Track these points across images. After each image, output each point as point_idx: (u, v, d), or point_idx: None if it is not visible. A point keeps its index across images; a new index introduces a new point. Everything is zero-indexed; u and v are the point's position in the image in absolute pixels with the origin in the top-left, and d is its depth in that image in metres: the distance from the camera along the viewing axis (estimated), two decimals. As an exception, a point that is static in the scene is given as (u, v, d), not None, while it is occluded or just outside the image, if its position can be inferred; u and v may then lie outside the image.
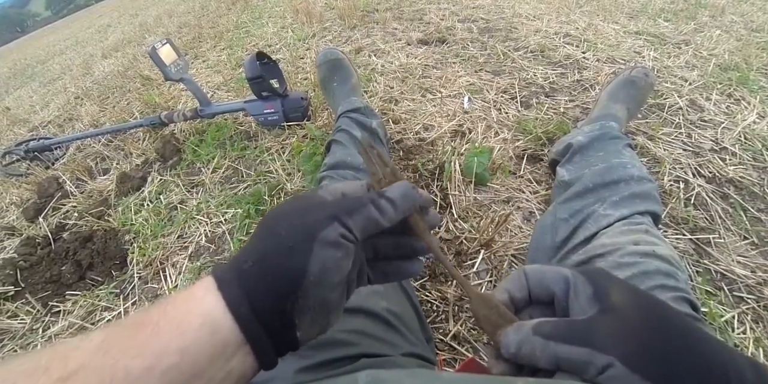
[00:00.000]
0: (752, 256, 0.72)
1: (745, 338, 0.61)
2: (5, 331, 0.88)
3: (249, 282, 0.23)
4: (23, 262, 1.02)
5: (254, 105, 1.20)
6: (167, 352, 0.20)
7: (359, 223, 0.25)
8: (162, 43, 1.13)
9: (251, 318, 0.22)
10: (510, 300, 0.27)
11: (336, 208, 0.25)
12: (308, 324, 0.24)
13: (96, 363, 0.19)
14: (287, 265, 0.23)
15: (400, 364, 0.38)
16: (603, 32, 1.55)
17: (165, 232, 1.02)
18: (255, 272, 0.23)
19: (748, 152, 0.92)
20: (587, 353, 0.21)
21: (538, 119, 1.08)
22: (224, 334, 0.22)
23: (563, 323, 0.23)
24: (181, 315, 0.22)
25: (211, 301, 0.22)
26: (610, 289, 0.24)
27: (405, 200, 0.27)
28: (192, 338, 0.21)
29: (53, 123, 2.01)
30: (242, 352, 0.22)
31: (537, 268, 0.27)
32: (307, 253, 0.23)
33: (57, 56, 4.44)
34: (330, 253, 0.23)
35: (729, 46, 1.35)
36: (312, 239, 0.23)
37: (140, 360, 0.19)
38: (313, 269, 0.23)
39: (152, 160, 1.31)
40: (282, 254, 0.23)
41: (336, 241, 0.24)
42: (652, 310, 0.23)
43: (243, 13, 2.94)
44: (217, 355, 0.21)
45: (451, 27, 1.73)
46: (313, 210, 0.25)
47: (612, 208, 0.60)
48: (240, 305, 0.22)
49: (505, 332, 0.25)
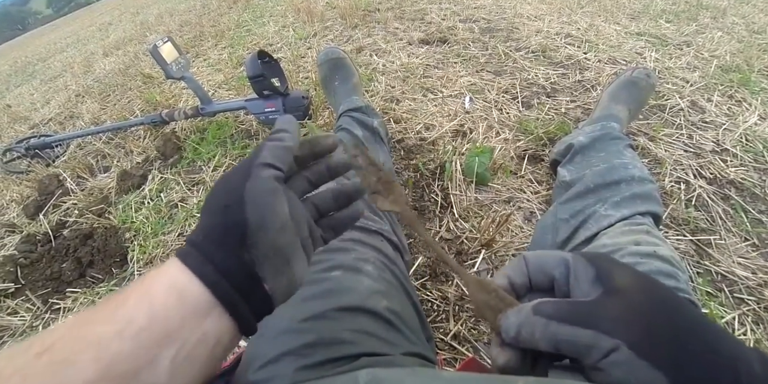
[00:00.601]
0: (753, 258, 0.72)
1: (746, 340, 0.61)
2: (5, 328, 0.88)
3: (207, 248, 0.24)
4: (23, 259, 1.02)
5: (255, 103, 1.20)
6: (136, 317, 0.21)
7: (270, 156, 0.26)
8: (163, 41, 1.13)
9: (217, 277, 0.23)
10: (510, 286, 0.26)
11: (248, 160, 0.27)
12: (272, 274, 0.24)
13: (70, 335, 0.20)
14: (228, 220, 0.24)
15: (400, 364, 0.38)
16: (604, 33, 1.55)
17: (165, 230, 1.01)
18: (209, 238, 0.24)
19: (749, 154, 0.92)
20: (592, 336, 0.20)
21: (539, 119, 1.08)
22: (192, 296, 0.22)
23: (566, 304, 0.23)
24: (146, 287, 0.23)
25: (173, 271, 0.23)
26: (614, 272, 0.23)
27: (288, 124, 0.29)
28: (159, 303, 0.22)
29: (54, 120, 2.01)
30: (215, 312, 0.23)
31: (537, 253, 0.26)
32: (240, 204, 0.24)
33: (58, 54, 4.43)
34: (261, 199, 0.25)
35: (730, 48, 1.35)
36: (241, 191, 0.24)
37: (110, 325, 0.20)
38: (252, 217, 0.24)
39: (153, 158, 1.31)
40: (221, 214, 0.25)
41: (262, 187, 0.25)
42: (659, 294, 0.22)
43: (244, 11, 2.93)
44: (189, 318, 0.22)
45: (452, 27, 1.73)
46: (233, 172, 0.27)
47: (613, 208, 0.60)
48: (203, 268, 0.23)
49: (505, 316, 0.24)
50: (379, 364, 0.36)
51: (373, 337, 0.40)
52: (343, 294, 0.44)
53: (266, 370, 0.36)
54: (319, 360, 0.37)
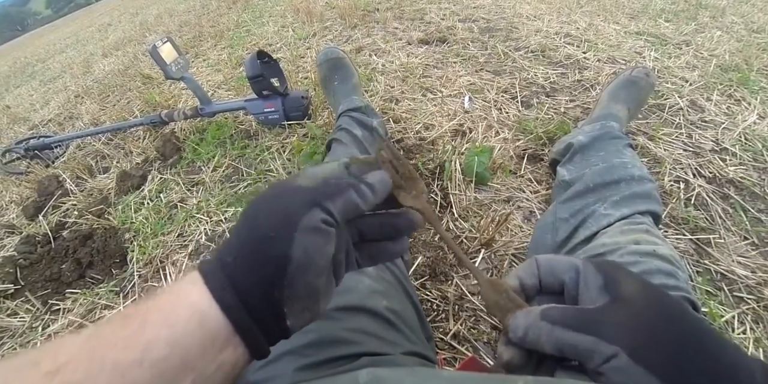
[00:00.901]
0: (752, 257, 0.72)
1: (746, 338, 0.61)
2: (5, 329, 0.88)
3: (233, 273, 0.23)
4: (23, 260, 1.02)
5: (255, 104, 1.20)
6: (156, 345, 0.20)
7: (339, 207, 0.24)
8: (163, 41, 1.13)
9: (239, 307, 0.22)
10: (521, 287, 0.27)
11: (316, 194, 0.25)
12: (298, 312, 0.24)
13: (84, 356, 0.19)
14: (270, 254, 0.23)
15: (400, 363, 0.38)
16: (604, 32, 1.55)
17: (165, 230, 1.01)
18: (239, 263, 0.23)
19: (749, 153, 0.92)
20: (592, 342, 0.21)
21: (538, 119, 1.08)
22: (213, 325, 0.21)
23: (572, 310, 0.23)
24: (168, 308, 0.22)
25: (197, 292, 0.22)
26: (621, 281, 0.24)
27: (383, 185, 0.27)
28: (181, 330, 0.21)
29: (53, 121, 2.01)
30: (233, 342, 0.22)
31: (548, 257, 0.27)
32: (289, 240, 0.23)
33: (57, 55, 4.43)
34: (312, 239, 0.23)
35: (729, 47, 1.36)
36: (293, 226, 0.23)
37: (129, 352, 0.19)
38: (297, 256, 0.23)
39: (152, 159, 1.31)
40: (264, 243, 0.23)
41: (317, 227, 0.23)
42: (664, 304, 0.23)
43: (244, 12, 2.93)
44: (208, 347, 0.21)
45: (451, 27, 1.73)
46: (292, 196, 0.25)
47: (612, 207, 0.60)
48: (225, 295, 0.22)
49: (514, 316, 0.25)
50: (379, 364, 0.36)
51: (373, 336, 0.40)
52: (343, 294, 0.44)
53: (266, 370, 0.36)
54: (319, 360, 0.37)
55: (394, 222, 0.30)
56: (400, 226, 0.30)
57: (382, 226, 0.30)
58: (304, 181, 0.26)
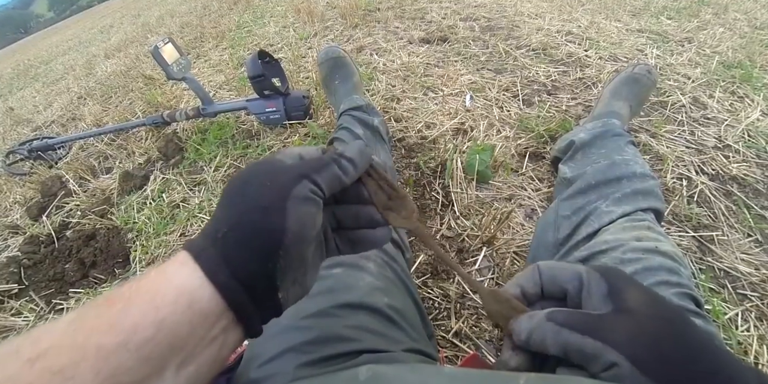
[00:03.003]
0: (756, 254, 0.72)
1: (749, 336, 0.61)
2: (9, 328, 0.88)
3: (227, 248, 0.22)
4: (27, 260, 1.03)
5: (256, 104, 1.20)
6: (141, 327, 0.19)
7: (326, 180, 0.25)
8: (164, 42, 1.13)
9: (233, 284, 0.21)
10: (522, 295, 0.27)
11: (303, 168, 0.25)
12: (289, 285, 0.24)
13: (66, 341, 0.18)
14: (265, 225, 0.22)
15: (401, 360, 0.38)
16: (605, 30, 1.55)
17: (167, 230, 1.02)
18: (232, 237, 0.22)
19: (752, 149, 0.91)
20: (598, 347, 0.21)
21: (540, 117, 1.08)
22: (203, 303, 0.21)
23: (578, 314, 0.23)
24: (154, 289, 0.21)
25: (186, 272, 0.22)
26: (626, 290, 0.24)
27: (362, 158, 0.28)
28: (167, 311, 0.20)
29: (56, 123, 2.02)
30: (224, 319, 0.22)
31: (551, 265, 0.27)
32: (283, 210, 0.23)
33: (60, 57, 4.45)
34: (304, 209, 0.23)
35: (732, 44, 1.35)
36: (285, 197, 0.23)
37: (112, 336, 0.19)
38: (292, 226, 0.23)
39: (155, 159, 1.31)
40: (257, 215, 0.23)
41: (308, 197, 0.24)
42: (667, 314, 0.23)
43: (245, 12, 2.94)
44: (197, 326, 0.21)
45: (452, 26, 1.73)
46: (279, 171, 0.25)
47: (614, 204, 0.60)
48: (219, 273, 0.21)
49: (518, 320, 0.25)
50: (380, 361, 0.36)
51: (374, 333, 0.40)
52: (343, 291, 0.44)
53: (267, 368, 0.37)
54: (320, 357, 0.37)
55: (370, 212, 0.30)
56: (377, 217, 0.30)
57: (358, 215, 0.30)
58: (287, 159, 0.27)
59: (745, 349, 0.60)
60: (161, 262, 0.27)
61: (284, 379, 0.35)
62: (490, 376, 0.26)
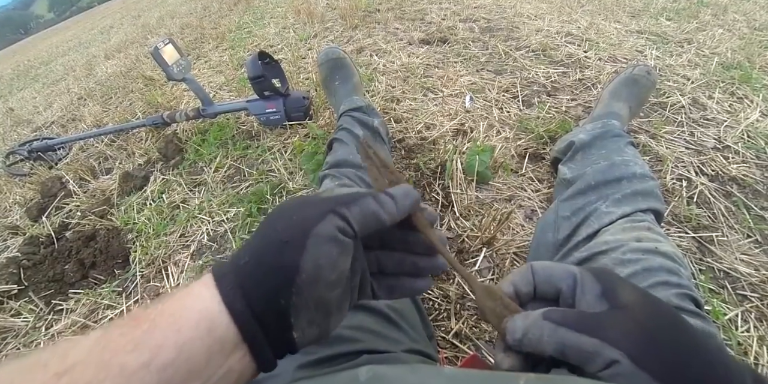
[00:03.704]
0: (755, 255, 0.72)
1: (749, 336, 0.61)
2: (8, 329, 0.88)
3: (243, 277, 0.22)
4: (26, 260, 1.02)
5: (256, 104, 1.20)
6: (164, 349, 0.20)
7: (357, 216, 0.24)
8: (164, 42, 1.13)
9: (247, 313, 0.22)
10: (515, 294, 0.27)
11: (333, 202, 0.24)
12: (305, 324, 0.23)
13: (92, 359, 0.19)
14: (279, 261, 0.22)
15: (401, 361, 0.38)
16: (605, 31, 1.55)
17: (167, 230, 1.02)
18: (251, 267, 0.23)
19: (751, 150, 0.92)
20: (597, 344, 0.21)
21: (539, 118, 1.08)
22: (221, 331, 0.21)
23: (574, 313, 0.23)
24: (178, 311, 0.21)
25: (207, 296, 0.22)
26: (620, 289, 0.24)
27: (406, 197, 0.26)
28: (189, 335, 0.20)
29: (56, 123, 2.02)
30: (240, 350, 0.22)
31: (545, 264, 0.27)
32: (301, 247, 0.22)
33: (60, 57, 4.46)
34: (325, 249, 0.22)
35: (732, 45, 1.35)
36: (306, 234, 0.22)
37: (136, 355, 0.19)
38: (306, 265, 0.22)
39: (155, 160, 1.31)
40: (276, 249, 0.23)
41: (332, 236, 0.23)
42: (661, 312, 0.23)
43: (245, 13, 2.94)
44: (215, 353, 0.21)
45: (452, 27, 1.73)
46: (311, 205, 0.24)
47: (614, 205, 0.60)
48: (235, 300, 0.22)
49: (512, 319, 0.25)
50: (380, 361, 0.36)
51: (374, 334, 0.40)
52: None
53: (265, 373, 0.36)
54: (320, 357, 0.37)
55: (415, 261, 0.29)
56: (421, 266, 0.29)
57: (403, 262, 0.29)
58: (325, 194, 0.26)
59: (745, 349, 0.60)
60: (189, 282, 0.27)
61: (284, 379, 0.35)
62: (490, 377, 0.26)
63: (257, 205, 0.98)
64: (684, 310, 0.42)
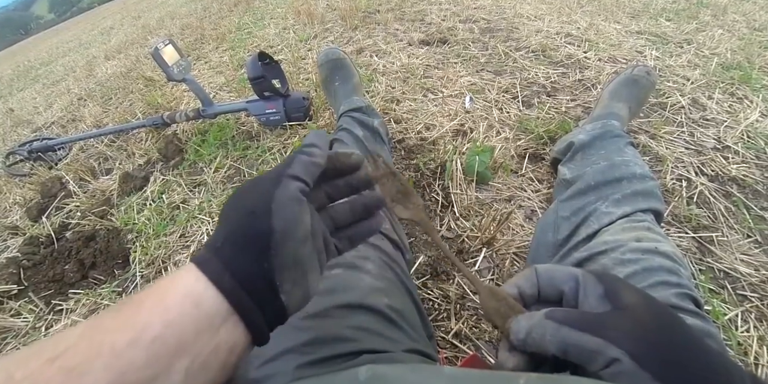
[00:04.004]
0: (756, 255, 0.72)
1: (749, 336, 0.61)
2: (8, 329, 0.88)
3: (225, 255, 0.24)
4: (26, 261, 1.02)
5: (256, 105, 1.21)
6: (150, 325, 0.20)
7: (300, 170, 0.26)
8: (164, 43, 1.13)
9: (235, 286, 0.23)
10: (519, 296, 0.27)
11: (278, 170, 0.27)
12: (290, 285, 0.24)
13: (84, 342, 0.20)
14: (253, 228, 0.24)
15: (401, 360, 0.38)
16: (604, 32, 1.55)
17: (167, 231, 1.02)
18: (229, 244, 0.24)
19: (751, 150, 0.92)
20: (599, 343, 0.21)
21: (539, 118, 1.08)
22: (208, 305, 0.22)
23: (577, 313, 0.24)
24: (163, 292, 0.22)
25: (191, 278, 0.23)
26: (622, 291, 0.24)
27: (318, 138, 0.29)
28: (175, 312, 0.21)
29: (56, 124, 2.02)
30: (230, 322, 0.23)
31: (547, 267, 0.27)
32: (267, 211, 0.24)
33: (60, 58, 4.46)
34: (288, 207, 0.25)
35: (731, 45, 1.35)
36: (269, 199, 0.25)
37: (124, 333, 0.20)
38: (277, 225, 0.24)
39: (155, 160, 1.31)
40: (246, 221, 0.24)
41: (292, 196, 0.25)
42: (663, 314, 0.23)
43: (245, 14, 2.95)
44: (204, 328, 0.21)
45: (452, 27, 1.73)
46: (262, 179, 0.27)
47: (614, 205, 0.60)
48: (221, 276, 0.23)
49: (516, 319, 0.25)
50: (380, 361, 0.36)
51: (374, 334, 0.40)
52: (343, 292, 0.44)
53: (267, 368, 0.37)
54: (320, 357, 0.37)
55: (361, 201, 0.32)
56: (369, 203, 0.32)
57: (352, 208, 0.32)
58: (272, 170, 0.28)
59: (745, 350, 0.60)
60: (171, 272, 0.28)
61: (284, 379, 0.35)
62: (490, 377, 0.26)
63: (257, 206, 0.98)
64: (684, 309, 0.42)
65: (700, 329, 0.40)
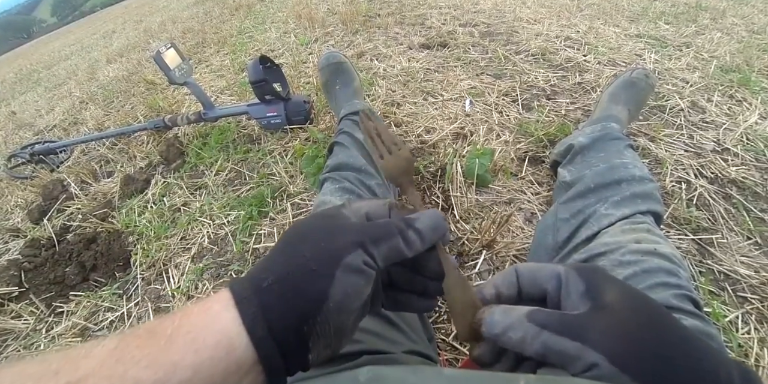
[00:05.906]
0: (755, 256, 0.72)
1: (750, 338, 0.61)
2: (9, 331, 0.88)
3: (267, 300, 0.22)
4: (27, 263, 1.03)
5: (257, 108, 1.21)
6: (180, 367, 0.20)
7: (383, 253, 0.25)
8: (166, 47, 1.14)
9: (267, 338, 0.22)
10: (497, 296, 0.27)
11: (363, 235, 0.25)
12: (321, 348, 0.24)
13: (106, 371, 0.19)
14: (309, 288, 0.23)
15: (402, 362, 0.38)
16: (604, 35, 1.56)
17: (168, 233, 1.02)
18: (275, 291, 0.23)
19: (750, 153, 0.92)
20: (578, 348, 0.21)
21: (539, 121, 1.09)
22: (239, 353, 0.21)
23: (557, 315, 0.23)
24: (196, 330, 0.21)
25: (227, 318, 0.22)
26: (604, 287, 0.24)
27: (434, 233, 0.27)
28: (207, 355, 0.20)
29: (58, 127, 2.03)
30: (255, 371, 0.22)
31: (530, 266, 0.27)
32: (330, 278, 0.23)
33: (62, 61, 4.48)
34: (352, 280, 0.23)
35: (730, 48, 1.36)
36: (336, 264, 0.23)
37: (151, 372, 0.19)
38: (335, 295, 0.23)
39: (156, 163, 1.32)
40: (304, 276, 0.23)
41: (359, 268, 0.23)
42: (646, 310, 0.23)
43: (246, 18, 2.96)
44: (231, 374, 0.21)
45: (452, 31, 1.74)
46: (339, 233, 0.25)
47: (613, 207, 0.60)
48: (256, 324, 0.22)
49: (490, 311, 0.25)
50: (380, 362, 0.36)
51: (374, 335, 0.40)
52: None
53: None
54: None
55: (425, 282, 0.30)
56: (430, 288, 0.30)
57: (413, 280, 0.30)
58: (353, 216, 0.27)
59: (745, 351, 0.60)
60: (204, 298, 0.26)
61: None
62: (490, 378, 0.26)
63: (258, 209, 0.99)
64: (683, 310, 0.42)
65: (700, 330, 0.40)
